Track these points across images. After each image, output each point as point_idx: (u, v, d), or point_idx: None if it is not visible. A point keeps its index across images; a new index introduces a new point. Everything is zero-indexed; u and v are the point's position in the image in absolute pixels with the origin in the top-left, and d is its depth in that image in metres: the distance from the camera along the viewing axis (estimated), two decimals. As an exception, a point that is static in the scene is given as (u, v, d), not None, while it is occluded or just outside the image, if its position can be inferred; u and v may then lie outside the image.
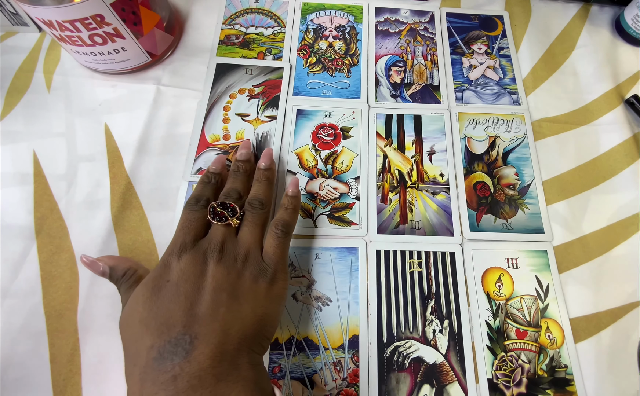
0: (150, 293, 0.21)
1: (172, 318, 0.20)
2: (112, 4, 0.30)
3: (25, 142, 0.34)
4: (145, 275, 0.24)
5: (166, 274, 0.22)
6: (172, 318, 0.20)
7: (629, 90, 0.39)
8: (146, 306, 0.21)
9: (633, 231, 0.33)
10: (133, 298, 0.22)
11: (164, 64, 0.38)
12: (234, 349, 0.20)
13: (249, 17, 0.41)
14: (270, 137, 0.35)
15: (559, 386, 0.28)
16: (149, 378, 0.18)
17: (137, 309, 0.21)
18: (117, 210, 0.31)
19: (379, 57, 0.39)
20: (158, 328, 0.20)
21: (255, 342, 0.21)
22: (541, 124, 0.37)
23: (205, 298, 0.21)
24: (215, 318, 0.20)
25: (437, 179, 0.34)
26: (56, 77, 0.37)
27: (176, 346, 0.19)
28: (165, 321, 0.20)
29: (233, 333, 0.20)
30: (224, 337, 0.20)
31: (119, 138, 0.34)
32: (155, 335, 0.19)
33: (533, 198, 0.34)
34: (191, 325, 0.20)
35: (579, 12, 0.43)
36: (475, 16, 0.42)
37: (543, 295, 0.30)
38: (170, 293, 0.21)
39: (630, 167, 0.35)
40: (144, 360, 0.19)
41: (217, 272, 0.22)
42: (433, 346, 0.28)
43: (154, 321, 0.20)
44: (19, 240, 0.30)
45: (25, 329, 0.28)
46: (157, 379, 0.18)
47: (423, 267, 0.31)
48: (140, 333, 0.20)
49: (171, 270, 0.22)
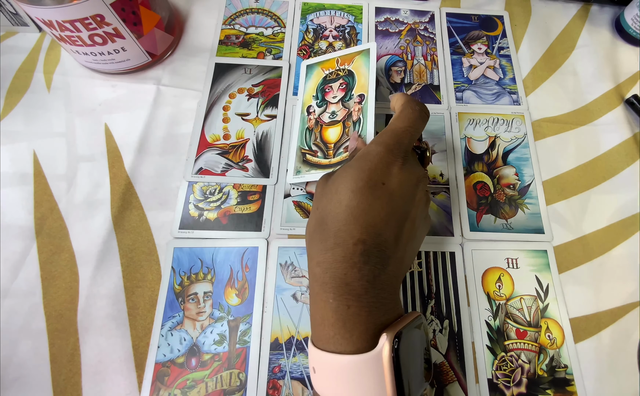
0: (364, 185, 0.21)
1: (379, 226, 0.21)
2: (112, 4, 0.30)
3: (25, 142, 0.34)
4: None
5: (385, 174, 0.22)
6: (379, 226, 0.21)
7: (629, 90, 0.39)
8: (358, 196, 0.21)
9: (633, 231, 0.33)
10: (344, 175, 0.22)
11: (164, 64, 0.38)
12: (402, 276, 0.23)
13: (249, 17, 0.41)
14: (271, 136, 0.35)
15: (559, 386, 0.28)
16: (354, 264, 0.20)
17: (346, 191, 0.21)
18: (117, 210, 0.31)
19: (379, 57, 0.39)
20: (366, 227, 0.20)
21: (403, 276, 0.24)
22: (541, 124, 0.37)
23: (406, 227, 0.22)
24: (404, 249, 0.22)
25: (437, 179, 0.34)
26: (56, 77, 0.37)
27: (379, 255, 0.20)
28: (374, 225, 0.20)
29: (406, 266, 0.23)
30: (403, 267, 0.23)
31: (119, 139, 0.34)
32: (364, 232, 0.20)
33: (533, 198, 0.34)
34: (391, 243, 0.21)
35: (579, 12, 0.43)
36: (475, 16, 0.42)
37: (543, 295, 0.30)
38: (384, 199, 0.21)
39: (630, 167, 0.35)
40: (350, 248, 0.20)
41: (420, 205, 0.23)
42: (433, 346, 0.28)
43: (363, 216, 0.20)
44: (19, 240, 0.30)
45: (25, 329, 0.28)
46: (361, 270, 0.19)
47: (423, 267, 0.31)
48: (347, 219, 0.20)
49: (391, 175, 0.22)
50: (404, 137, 0.23)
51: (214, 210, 0.32)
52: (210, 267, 0.30)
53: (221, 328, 0.28)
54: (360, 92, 0.33)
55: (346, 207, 0.21)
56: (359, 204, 0.20)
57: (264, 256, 0.31)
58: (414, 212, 0.23)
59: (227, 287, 0.30)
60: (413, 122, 0.24)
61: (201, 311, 0.29)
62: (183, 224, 0.31)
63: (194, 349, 0.28)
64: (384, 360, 0.18)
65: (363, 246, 0.20)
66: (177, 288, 0.29)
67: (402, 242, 0.22)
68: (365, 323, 0.19)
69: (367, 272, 0.20)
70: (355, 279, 0.19)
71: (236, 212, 0.32)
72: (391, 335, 0.18)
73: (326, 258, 0.20)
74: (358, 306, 0.19)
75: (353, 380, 0.18)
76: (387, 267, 0.20)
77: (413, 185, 0.22)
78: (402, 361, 0.18)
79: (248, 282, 0.30)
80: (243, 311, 0.29)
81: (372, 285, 0.20)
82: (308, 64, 0.37)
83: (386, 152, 0.22)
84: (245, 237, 0.31)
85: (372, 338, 0.19)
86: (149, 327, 0.28)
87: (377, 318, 0.19)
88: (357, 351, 0.18)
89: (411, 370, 0.19)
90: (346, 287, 0.19)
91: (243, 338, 0.28)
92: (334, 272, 0.20)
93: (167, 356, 0.27)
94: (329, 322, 0.19)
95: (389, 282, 0.20)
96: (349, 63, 0.35)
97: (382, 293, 0.20)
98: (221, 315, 0.29)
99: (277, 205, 0.32)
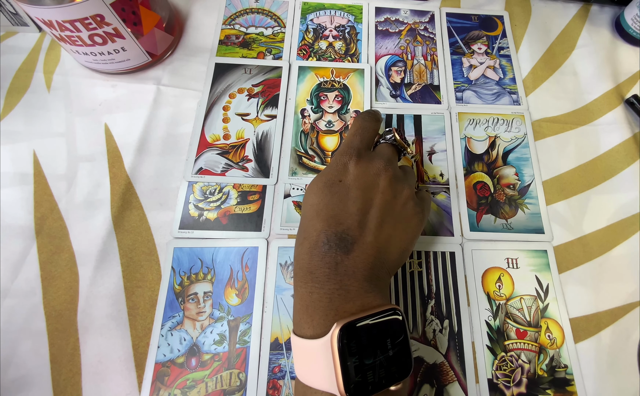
0: (323, 186, 0.24)
1: (340, 216, 0.23)
2: (112, 4, 0.30)
3: (25, 142, 0.34)
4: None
5: (340, 174, 0.24)
6: (340, 216, 0.23)
7: (629, 90, 0.39)
8: (318, 195, 0.24)
9: (633, 231, 0.33)
10: (312, 182, 0.25)
11: (164, 64, 0.38)
12: (379, 267, 0.23)
13: (249, 17, 0.41)
14: (271, 136, 0.35)
15: (559, 386, 0.28)
16: (316, 253, 0.22)
17: (310, 194, 0.24)
18: (117, 210, 0.31)
19: (379, 57, 0.39)
20: (327, 219, 0.23)
21: (393, 268, 0.24)
22: (541, 124, 0.37)
23: (372, 212, 0.23)
24: (375, 235, 0.23)
25: (437, 179, 0.34)
26: (56, 77, 0.37)
27: (341, 241, 0.22)
28: (334, 216, 0.23)
29: (384, 255, 0.23)
30: (377, 254, 0.23)
31: (119, 138, 0.34)
32: (325, 223, 0.22)
33: (533, 198, 0.34)
34: (355, 229, 0.22)
35: (579, 12, 0.43)
36: (475, 16, 0.42)
37: (543, 295, 0.30)
38: (340, 193, 0.23)
39: (630, 167, 0.35)
40: (314, 239, 0.22)
41: (387, 190, 0.24)
42: (433, 346, 0.28)
43: (324, 211, 0.23)
44: (19, 240, 0.30)
45: (25, 329, 0.28)
46: (323, 258, 0.21)
47: (423, 267, 0.31)
48: (311, 215, 0.23)
49: (346, 173, 0.24)
50: (354, 139, 0.26)
51: (214, 210, 0.32)
52: (210, 267, 0.30)
53: (221, 328, 0.28)
54: (356, 108, 0.36)
55: (310, 206, 0.24)
56: (320, 201, 0.23)
57: (264, 256, 0.31)
58: (379, 198, 0.24)
59: (227, 286, 0.30)
60: (359, 125, 0.27)
61: (201, 311, 0.29)
62: (183, 224, 0.31)
63: (194, 349, 0.28)
64: (332, 347, 0.19)
65: (325, 235, 0.22)
66: (177, 288, 0.29)
67: (370, 228, 0.23)
68: (325, 309, 0.20)
69: (329, 259, 0.21)
70: (318, 267, 0.21)
71: (236, 212, 0.32)
72: (341, 323, 0.19)
73: (299, 252, 0.23)
74: (320, 293, 0.21)
75: (311, 362, 0.20)
76: (351, 252, 0.22)
77: (372, 175, 0.24)
78: (352, 350, 0.19)
79: (248, 282, 0.30)
80: (243, 311, 0.29)
81: (335, 271, 0.21)
82: (300, 66, 0.38)
83: (339, 155, 0.25)
84: (245, 237, 0.31)
85: (331, 323, 0.20)
86: (149, 327, 0.28)
87: (339, 305, 0.20)
88: (316, 336, 0.20)
89: (366, 361, 0.19)
90: (310, 275, 0.21)
91: (243, 338, 0.28)
92: (302, 262, 0.22)
93: (167, 356, 0.27)
94: (296, 308, 0.22)
95: (354, 267, 0.21)
96: (344, 77, 0.37)
97: (346, 279, 0.21)
98: (221, 315, 0.29)
99: (277, 205, 0.32)
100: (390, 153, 0.27)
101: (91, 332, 0.28)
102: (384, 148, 0.27)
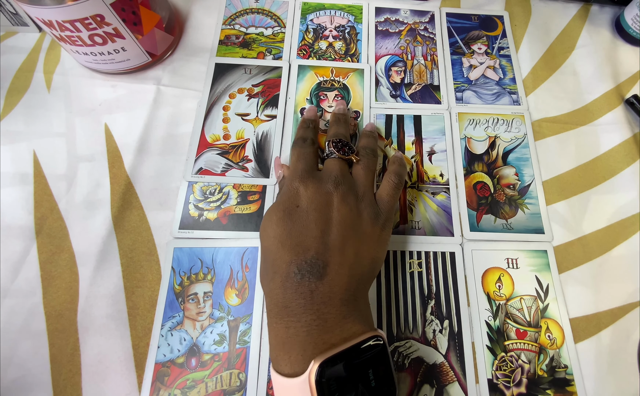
0: (282, 214, 0.24)
1: (306, 242, 0.22)
2: (112, 4, 0.30)
3: (25, 142, 0.34)
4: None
5: (295, 199, 0.24)
6: (306, 242, 0.22)
7: (629, 90, 0.39)
8: (280, 225, 0.23)
9: (633, 231, 0.33)
10: (267, 215, 0.25)
11: (164, 64, 0.38)
12: (355, 284, 0.22)
13: (249, 17, 0.41)
14: (271, 136, 0.35)
15: (559, 387, 0.28)
16: (290, 286, 0.21)
17: (271, 226, 0.24)
18: (117, 210, 0.31)
19: (379, 57, 0.39)
20: (294, 248, 0.22)
21: (368, 280, 0.24)
22: (541, 124, 0.37)
23: (333, 231, 0.23)
24: (342, 253, 0.23)
25: (437, 179, 0.34)
26: (56, 77, 0.37)
27: (312, 267, 0.21)
28: (300, 243, 0.22)
29: (355, 271, 0.23)
30: (350, 272, 0.22)
31: (119, 139, 0.34)
32: (293, 253, 0.22)
33: (533, 198, 0.34)
34: (323, 252, 0.22)
35: (579, 12, 0.43)
36: (475, 16, 0.42)
37: (543, 295, 0.30)
38: (301, 218, 0.23)
39: (630, 167, 0.35)
40: (285, 271, 0.22)
41: (342, 206, 0.24)
42: (433, 347, 0.28)
43: (288, 240, 0.23)
44: (19, 240, 0.30)
45: (25, 329, 0.28)
46: (297, 289, 0.21)
47: (423, 267, 0.31)
48: (277, 247, 0.23)
49: (300, 197, 0.24)
50: (297, 165, 0.27)
51: (214, 210, 0.32)
52: (210, 267, 0.30)
53: (221, 328, 0.28)
54: (356, 109, 0.36)
55: (273, 238, 0.23)
56: (282, 231, 0.23)
57: (264, 256, 0.31)
58: (336, 215, 0.24)
59: (227, 287, 0.30)
60: (298, 152, 0.28)
61: (201, 312, 0.29)
62: (183, 224, 0.31)
63: (194, 349, 0.28)
64: (310, 386, 0.18)
65: (295, 265, 0.22)
66: (177, 288, 0.29)
67: (336, 247, 0.23)
68: (302, 344, 0.20)
69: (304, 289, 0.21)
70: (292, 299, 0.21)
71: (236, 212, 0.32)
72: (319, 360, 0.18)
73: (271, 288, 0.22)
74: (297, 327, 0.20)
75: None
76: (324, 277, 0.21)
77: (324, 194, 0.24)
78: (331, 388, 0.18)
79: (248, 282, 0.30)
80: (243, 311, 0.29)
81: (311, 301, 0.21)
82: (300, 64, 0.38)
83: (289, 182, 0.26)
84: (245, 237, 0.31)
85: (309, 360, 0.19)
86: (149, 327, 0.28)
87: (318, 337, 0.20)
88: (293, 374, 0.19)
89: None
90: (286, 310, 0.21)
91: (243, 338, 0.28)
92: (276, 298, 0.22)
93: (167, 357, 0.27)
94: (272, 344, 0.22)
95: (330, 292, 0.21)
96: (344, 77, 0.37)
97: (323, 307, 0.21)
98: (221, 315, 0.29)
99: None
100: (338, 168, 0.27)
101: (91, 332, 0.28)
102: (331, 164, 0.27)
